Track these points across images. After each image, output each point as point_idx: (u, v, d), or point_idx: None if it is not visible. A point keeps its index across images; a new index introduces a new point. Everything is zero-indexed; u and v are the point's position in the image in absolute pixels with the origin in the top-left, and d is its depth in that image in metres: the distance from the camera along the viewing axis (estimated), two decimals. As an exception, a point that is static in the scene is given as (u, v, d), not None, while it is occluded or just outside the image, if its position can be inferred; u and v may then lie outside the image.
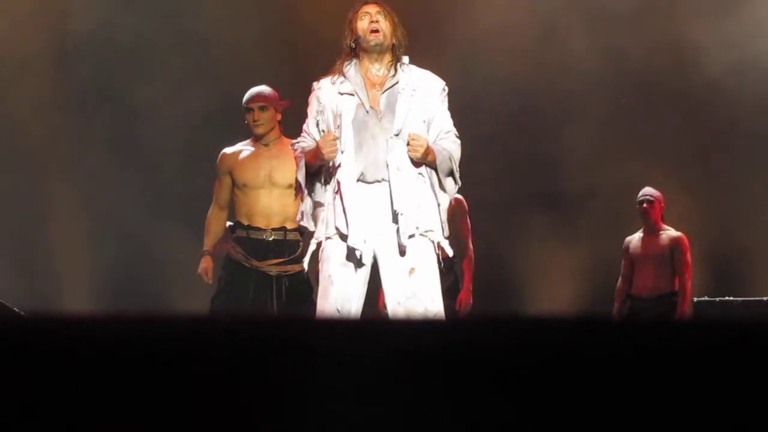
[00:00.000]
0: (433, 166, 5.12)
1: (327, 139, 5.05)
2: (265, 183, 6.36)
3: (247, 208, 6.40)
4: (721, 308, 8.35)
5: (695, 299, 8.46)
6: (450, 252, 5.15)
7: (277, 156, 6.34)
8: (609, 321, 2.06)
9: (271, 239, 6.29)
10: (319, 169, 5.14)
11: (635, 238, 8.49)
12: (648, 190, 8.47)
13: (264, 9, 9.54)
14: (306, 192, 5.19)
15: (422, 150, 5.05)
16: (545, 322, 2.01)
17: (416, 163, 5.09)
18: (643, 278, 8.39)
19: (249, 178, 6.38)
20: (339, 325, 2.20)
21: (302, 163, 5.17)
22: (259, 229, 6.31)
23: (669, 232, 8.41)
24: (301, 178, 5.17)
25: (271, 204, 6.32)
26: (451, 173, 5.18)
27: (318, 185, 5.18)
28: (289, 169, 5.92)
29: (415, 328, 1.96)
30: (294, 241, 6.28)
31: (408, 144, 5.05)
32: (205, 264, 6.46)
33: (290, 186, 5.91)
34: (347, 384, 1.79)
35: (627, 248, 8.50)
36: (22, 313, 7.25)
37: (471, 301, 7.49)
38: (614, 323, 2.09)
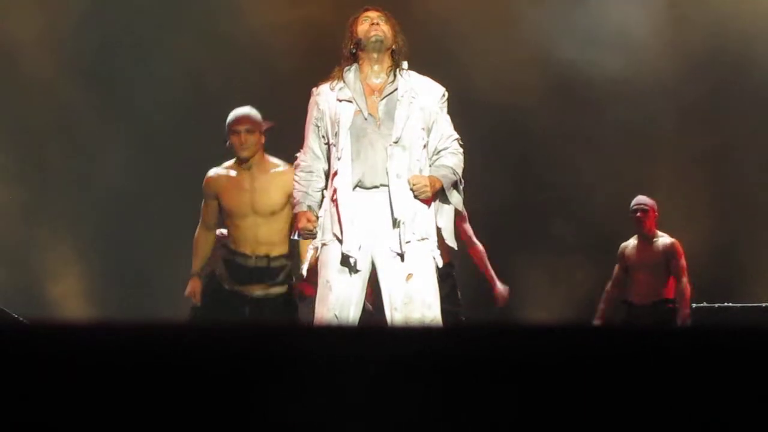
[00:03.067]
0: (439, 193, 5.17)
1: (306, 227, 5.14)
2: (248, 212, 6.18)
3: (234, 234, 6.28)
4: (720, 314, 8.36)
5: (694, 305, 8.46)
6: (440, 263, 5.15)
7: (258, 178, 6.15)
8: (607, 329, 2.07)
9: (253, 266, 6.19)
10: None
11: (630, 245, 8.49)
12: (641, 199, 8.48)
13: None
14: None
15: (428, 189, 5.09)
16: (542, 330, 2.02)
17: (415, 171, 5.09)
18: (639, 285, 8.39)
19: (233, 206, 6.23)
20: (336, 333, 2.20)
21: (297, 210, 5.26)
22: (244, 255, 6.20)
23: (663, 239, 8.41)
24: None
25: (256, 233, 6.19)
26: (455, 187, 5.21)
27: (309, 195, 5.23)
28: (270, 195, 6.00)
29: (412, 335, 1.96)
30: (277, 268, 6.18)
31: (412, 191, 5.07)
32: (193, 286, 6.31)
33: (273, 213, 5.97)
34: (344, 391, 1.80)
35: (622, 254, 8.50)
36: (24, 321, 7.30)
37: (505, 290, 7.43)
38: (612, 331, 2.09)
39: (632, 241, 8.51)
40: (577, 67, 9.59)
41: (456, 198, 5.23)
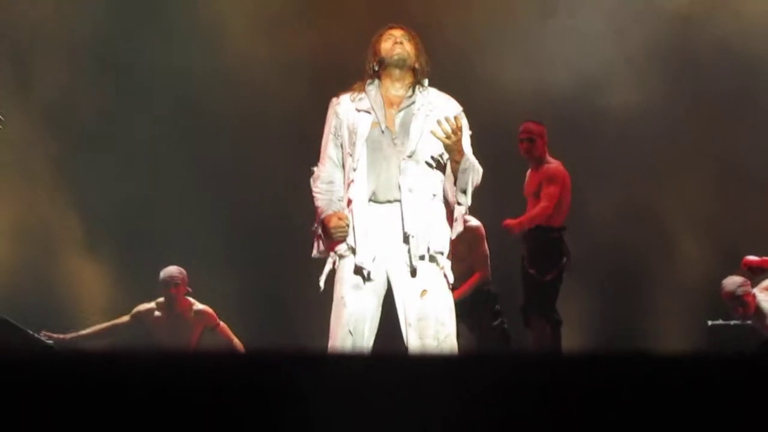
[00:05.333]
0: (455, 166, 5.07)
1: (338, 225, 5.07)
2: None
3: None
4: (735, 332, 8.31)
5: (710, 323, 8.40)
6: (451, 278, 5.12)
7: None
8: (618, 357, 2.09)
9: None
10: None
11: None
12: (527, 126, 8.07)
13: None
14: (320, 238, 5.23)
15: (451, 137, 4.98)
16: (556, 358, 2.03)
17: (429, 185, 5.11)
18: (527, 211, 8.07)
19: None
20: (347, 360, 2.22)
21: (319, 220, 5.19)
22: None
23: (548, 165, 8.02)
24: (320, 234, 5.20)
25: None
26: (466, 184, 5.10)
27: (335, 203, 5.21)
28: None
29: (425, 363, 1.97)
30: None
31: (446, 135, 4.97)
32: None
33: None
34: (354, 420, 1.80)
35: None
36: (51, 344, 7.37)
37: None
38: (625, 358, 2.11)
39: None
40: (580, 90, 9.62)
41: (465, 198, 5.15)
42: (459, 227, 5.16)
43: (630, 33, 9.66)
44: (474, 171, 5.10)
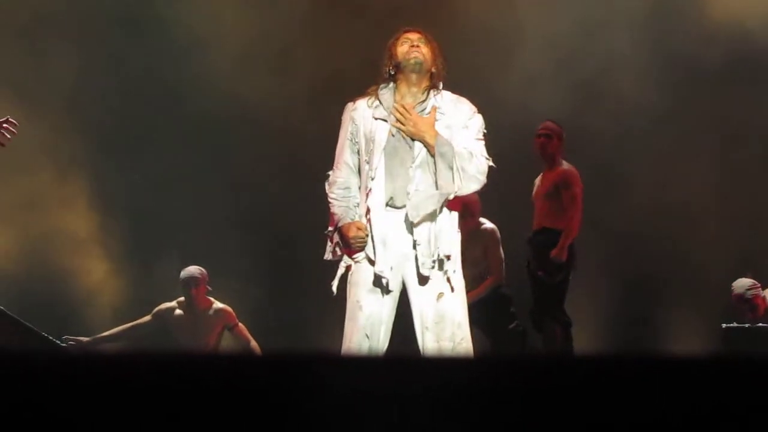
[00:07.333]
0: (431, 149, 5.04)
1: (357, 236, 5.07)
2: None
3: None
4: (750, 334, 8.25)
5: (724, 325, 8.35)
6: (455, 284, 5.06)
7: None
8: (633, 359, 2.09)
9: None
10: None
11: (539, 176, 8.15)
12: (547, 124, 8.09)
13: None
14: (336, 243, 5.21)
15: (404, 121, 5.04)
16: (571, 361, 2.04)
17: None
18: (535, 214, 8.05)
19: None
20: (364, 362, 2.23)
21: (336, 227, 5.18)
22: None
23: (562, 167, 8.01)
24: (336, 239, 5.19)
25: None
26: (450, 170, 5.05)
27: (351, 209, 5.21)
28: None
29: (440, 367, 1.97)
30: None
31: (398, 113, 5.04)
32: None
33: None
34: (371, 420, 1.81)
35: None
36: (66, 346, 7.40)
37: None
38: (637, 361, 2.12)
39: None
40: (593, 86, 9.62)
41: (445, 181, 5.05)
42: (431, 207, 5.05)
43: (616, 27, 9.65)
44: (457, 155, 5.05)
